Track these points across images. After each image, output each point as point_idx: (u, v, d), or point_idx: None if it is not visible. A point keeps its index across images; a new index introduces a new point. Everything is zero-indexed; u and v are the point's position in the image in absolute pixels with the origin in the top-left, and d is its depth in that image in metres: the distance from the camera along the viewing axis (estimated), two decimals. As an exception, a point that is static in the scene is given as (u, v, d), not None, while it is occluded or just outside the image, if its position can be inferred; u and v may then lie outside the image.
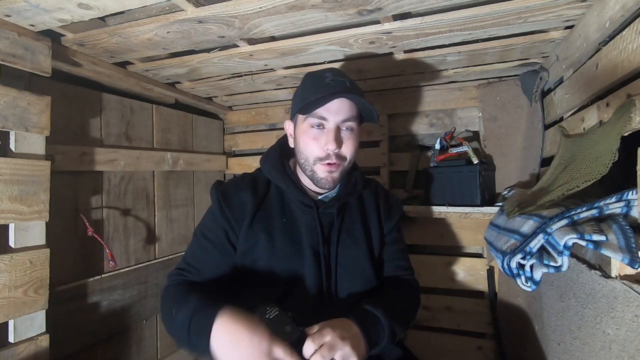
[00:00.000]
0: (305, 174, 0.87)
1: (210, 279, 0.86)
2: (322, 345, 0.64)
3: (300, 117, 0.84)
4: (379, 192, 0.99)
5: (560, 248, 0.68)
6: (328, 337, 0.65)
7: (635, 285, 0.56)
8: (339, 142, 0.81)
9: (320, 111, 0.80)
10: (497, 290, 1.43)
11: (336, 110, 0.80)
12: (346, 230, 0.89)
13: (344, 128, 0.82)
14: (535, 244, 0.74)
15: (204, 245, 0.87)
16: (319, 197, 0.89)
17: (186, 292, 0.77)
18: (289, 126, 0.91)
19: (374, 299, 0.81)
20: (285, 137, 0.94)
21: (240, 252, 0.85)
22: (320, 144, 0.81)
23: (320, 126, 0.82)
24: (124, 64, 1.21)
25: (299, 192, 0.86)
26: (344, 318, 0.73)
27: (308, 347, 0.64)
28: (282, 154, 0.91)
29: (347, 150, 0.83)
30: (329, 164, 0.82)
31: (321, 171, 0.83)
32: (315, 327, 0.68)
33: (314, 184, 0.86)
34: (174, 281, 0.86)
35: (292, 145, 0.90)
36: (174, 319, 0.72)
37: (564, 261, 0.69)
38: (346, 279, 0.86)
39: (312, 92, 0.81)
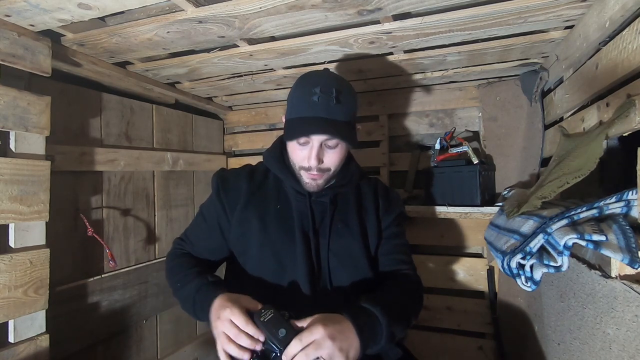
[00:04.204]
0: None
1: (202, 256, 0.95)
2: (309, 344, 0.63)
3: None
4: (379, 188, 1.00)
5: (560, 248, 0.68)
6: (316, 335, 0.64)
7: (635, 285, 0.56)
8: (319, 159, 0.83)
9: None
10: (497, 290, 1.43)
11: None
12: (340, 220, 0.90)
13: (328, 144, 0.84)
14: (535, 244, 0.74)
15: (199, 222, 0.97)
16: None
17: (190, 267, 0.88)
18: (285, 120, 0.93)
19: (372, 295, 0.79)
20: None
21: (234, 236, 0.90)
22: (304, 156, 0.84)
23: (305, 141, 0.83)
24: (124, 64, 1.21)
25: (295, 181, 0.89)
26: (340, 315, 0.70)
27: (294, 346, 0.63)
28: (283, 147, 0.94)
29: (330, 162, 0.85)
30: (311, 174, 0.85)
31: (305, 177, 0.87)
32: (308, 321, 0.67)
33: (303, 185, 0.89)
34: (177, 249, 0.98)
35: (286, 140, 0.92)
36: (179, 290, 0.85)
37: (564, 261, 0.69)
38: (338, 267, 0.87)
39: (299, 108, 0.83)
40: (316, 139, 0.82)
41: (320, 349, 0.62)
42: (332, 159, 0.85)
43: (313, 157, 0.82)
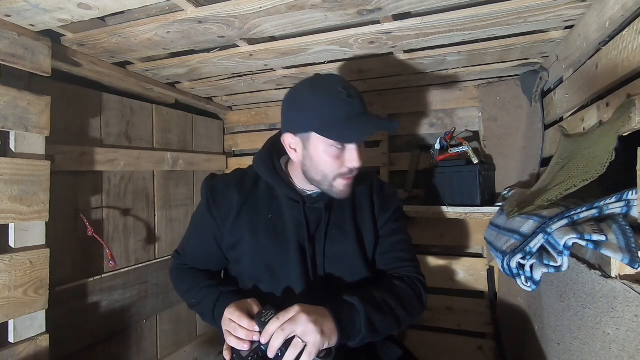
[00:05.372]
0: (321, 189, 0.85)
1: (204, 267, 0.96)
2: (286, 321, 0.66)
3: (316, 135, 0.78)
4: (374, 186, 0.96)
5: (560, 248, 0.68)
6: (292, 312, 0.67)
7: (635, 285, 0.56)
8: (361, 159, 0.80)
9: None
10: (497, 290, 1.43)
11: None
12: (336, 225, 0.88)
13: (364, 142, 0.82)
14: (535, 244, 0.74)
15: (194, 234, 0.96)
16: (308, 193, 0.89)
17: (201, 280, 0.90)
18: (290, 140, 0.83)
19: (355, 290, 0.78)
20: (276, 137, 0.93)
21: (226, 246, 0.89)
22: (342, 162, 0.80)
23: (341, 145, 0.79)
24: (124, 64, 1.21)
25: (287, 188, 0.86)
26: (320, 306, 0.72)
27: (273, 324, 0.66)
28: (273, 152, 0.91)
29: (362, 161, 0.81)
30: (349, 178, 0.82)
31: (341, 185, 0.82)
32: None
33: (331, 195, 0.84)
34: (178, 264, 0.98)
35: (294, 159, 0.85)
36: (196, 306, 0.88)
37: (564, 261, 0.69)
38: (335, 273, 0.86)
39: (334, 111, 0.76)
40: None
41: (295, 324, 0.65)
42: (363, 156, 0.81)
43: (356, 159, 0.79)
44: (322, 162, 0.80)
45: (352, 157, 0.79)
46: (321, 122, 0.77)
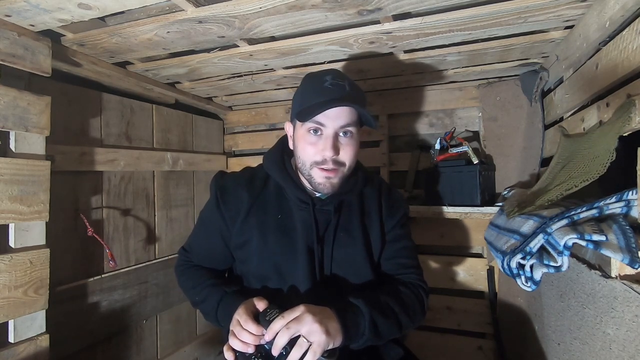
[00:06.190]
0: (304, 178, 0.86)
1: (209, 265, 0.95)
2: (291, 320, 0.66)
3: (298, 121, 0.82)
4: (382, 190, 0.96)
5: (560, 248, 0.68)
6: (297, 312, 0.67)
7: (635, 285, 0.57)
8: (336, 149, 0.79)
9: (319, 117, 0.77)
10: (497, 290, 1.43)
11: (335, 116, 0.78)
12: (344, 228, 0.88)
13: (342, 134, 0.80)
14: (535, 244, 0.74)
15: (201, 232, 0.95)
16: (317, 195, 0.88)
17: (205, 279, 0.90)
18: (288, 128, 0.90)
19: (359, 293, 0.79)
20: (287, 137, 0.93)
21: (234, 246, 0.89)
22: (318, 149, 0.80)
23: (318, 132, 0.80)
24: (124, 64, 1.21)
25: (297, 189, 0.85)
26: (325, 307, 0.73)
27: (277, 322, 0.67)
28: (284, 152, 0.91)
29: (346, 156, 0.81)
30: (325, 169, 0.80)
31: (318, 176, 0.81)
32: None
33: (313, 188, 0.85)
34: (183, 261, 0.98)
35: (291, 147, 0.89)
36: (200, 304, 0.88)
37: (564, 261, 0.69)
38: (341, 277, 0.86)
39: (311, 96, 0.80)
40: (331, 127, 0.78)
41: (300, 323, 0.65)
42: (347, 151, 0.80)
43: (329, 147, 0.78)
44: (301, 148, 0.83)
45: (324, 144, 0.78)
46: (300, 107, 0.81)
